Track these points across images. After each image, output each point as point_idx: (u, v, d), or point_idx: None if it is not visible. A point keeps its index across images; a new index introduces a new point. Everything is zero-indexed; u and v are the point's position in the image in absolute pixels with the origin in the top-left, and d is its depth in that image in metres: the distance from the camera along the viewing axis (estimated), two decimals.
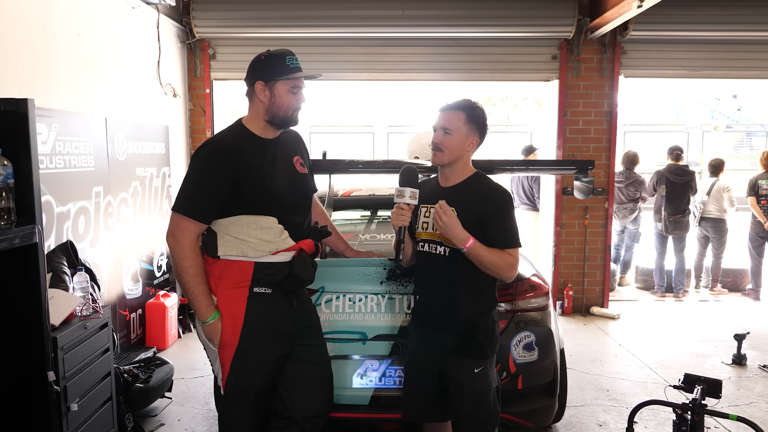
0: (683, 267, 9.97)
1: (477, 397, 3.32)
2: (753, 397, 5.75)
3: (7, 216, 3.13)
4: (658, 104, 29.27)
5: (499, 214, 3.27)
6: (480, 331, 3.32)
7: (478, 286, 3.32)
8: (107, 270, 6.05)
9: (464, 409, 3.35)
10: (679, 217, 9.76)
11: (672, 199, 9.81)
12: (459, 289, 3.31)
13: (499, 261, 3.22)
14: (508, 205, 3.31)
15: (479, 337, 3.31)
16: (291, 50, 3.28)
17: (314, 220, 3.60)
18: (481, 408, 3.34)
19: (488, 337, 3.34)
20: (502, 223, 3.27)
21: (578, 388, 5.88)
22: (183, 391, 5.79)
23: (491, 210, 3.26)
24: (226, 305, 3.25)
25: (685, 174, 9.86)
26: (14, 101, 3.27)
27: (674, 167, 9.93)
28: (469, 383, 3.30)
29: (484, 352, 3.33)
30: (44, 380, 3.47)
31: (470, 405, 3.33)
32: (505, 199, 3.31)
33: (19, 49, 4.93)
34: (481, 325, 3.33)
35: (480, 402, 3.33)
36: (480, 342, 3.31)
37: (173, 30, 8.09)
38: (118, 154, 6.24)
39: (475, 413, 3.35)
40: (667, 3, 7.05)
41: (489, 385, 3.35)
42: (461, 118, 3.31)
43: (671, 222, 9.86)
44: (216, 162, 3.17)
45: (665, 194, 9.86)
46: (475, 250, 3.17)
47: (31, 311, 3.42)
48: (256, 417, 3.39)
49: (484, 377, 3.33)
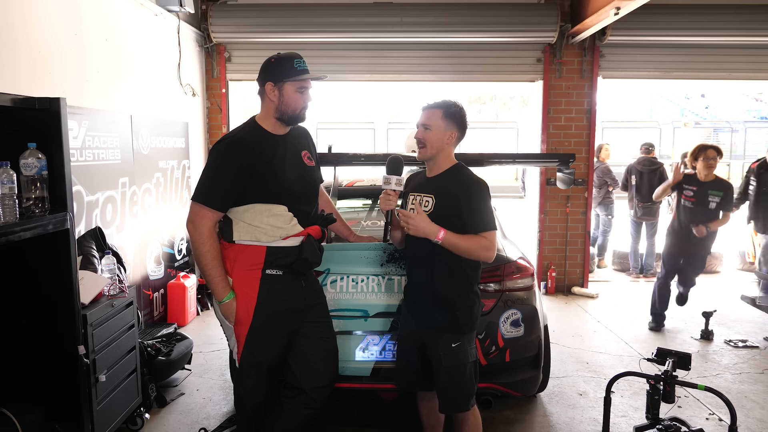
0: (653, 251, 9.97)
1: (453, 369, 3.32)
2: (719, 369, 5.76)
3: (41, 204, 3.13)
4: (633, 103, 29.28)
5: (473, 200, 3.25)
6: (458, 309, 3.31)
7: (458, 267, 3.30)
8: (132, 253, 6.04)
9: (441, 380, 3.36)
10: (649, 204, 9.76)
11: (640, 188, 9.82)
12: (438, 270, 3.31)
13: (473, 246, 3.22)
14: (481, 192, 3.28)
15: (457, 314, 3.31)
16: (299, 53, 3.27)
17: (321, 208, 3.60)
18: (457, 380, 3.34)
19: (466, 314, 3.34)
20: (475, 208, 3.25)
21: (560, 360, 5.88)
22: (201, 364, 5.80)
23: (465, 196, 3.26)
24: (241, 286, 3.25)
25: (653, 164, 9.86)
26: (48, 100, 3.27)
27: (643, 159, 9.94)
28: (446, 356, 3.31)
29: (461, 328, 3.33)
30: (75, 354, 3.48)
31: (446, 377, 3.34)
32: (478, 187, 3.29)
33: (52, 53, 4.91)
34: (459, 304, 3.32)
35: (456, 374, 3.33)
36: (458, 319, 3.31)
37: (192, 35, 8.06)
38: (142, 148, 6.21)
39: (451, 384, 3.35)
40: (641, 11, 7.06)
41: (466, 359, 3.34)
42: (438, 115, 3.33)
43: (641, 208, 9.88)
44: (232, 156, 3.16)
45: (635, 184, 9.87)
46: (448, 241, 3.18)
47: (63, 291, 3.43)
48: (268, 387, 3.40)
49: (461, 352, 3.33)
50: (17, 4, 4.49)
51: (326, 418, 4.49)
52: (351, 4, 8.15)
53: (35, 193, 3.09)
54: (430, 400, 3.64)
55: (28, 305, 3.51)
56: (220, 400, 5.03)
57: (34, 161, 3.04)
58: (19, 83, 4.45)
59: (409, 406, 4.03)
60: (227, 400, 4.99)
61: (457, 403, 3.39)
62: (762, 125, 29.85)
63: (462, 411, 3.43)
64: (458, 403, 3.39)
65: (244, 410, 3.42)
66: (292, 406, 3.42)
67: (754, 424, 4.65)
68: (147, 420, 4.56)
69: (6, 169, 2.89)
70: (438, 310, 3.34)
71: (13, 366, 3.58)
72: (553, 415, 4.78)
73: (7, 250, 3.23)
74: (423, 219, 3.21)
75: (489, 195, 3.33)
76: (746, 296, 6.81)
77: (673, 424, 3.81)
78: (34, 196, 3.09)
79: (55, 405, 3.55)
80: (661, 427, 3.81)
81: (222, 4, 8.17)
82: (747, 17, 8.13)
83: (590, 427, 4.58)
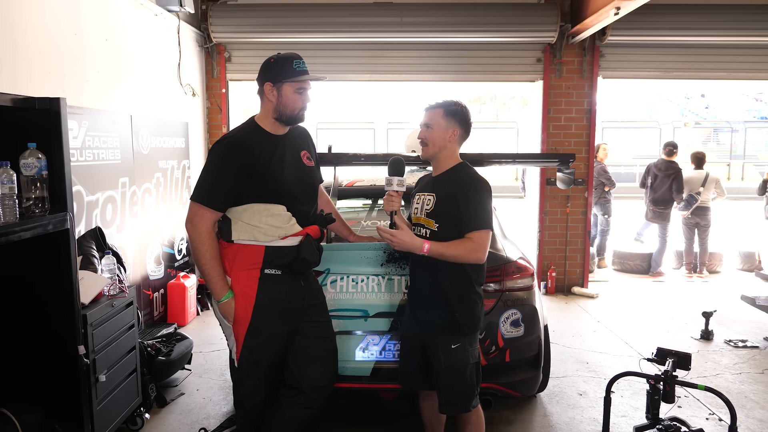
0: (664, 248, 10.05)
1: (453, 370, 3.32)
2: (719, 369, 5.75)
3: (41, 204, 3.13)
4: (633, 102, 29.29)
5: (467, 198, 3.25)
6: (458, 310, 3.31)
7: (460, 267, 3.30)
8: (132, 253, 6.04)
9: (441, 380, 3.36)
10: (660, 209, 9.80)
11: (655, 191, 9.88)
12: (440, 271, 3.30)
13: (460, 251, 3.21)
14: (479, 190, 3.28)
15: (457, 315, 3.31)
16: (298, 54, 3.27)
17: (320, 208, 3.60)
18: (456, 381, 3.34)
19: (466, 316, 3.33)
20: (471, 206, 3.24)
21: (560, 360, 5.88)
22: (201, 364, 5.80)
23: (460, 193, 3.26)
24: (240, 285, 3.25)
25: (668, 169, 9.79)
26: (48, 100, 3.27)
27: (660, 162, 9.94)
28: (445, 357, 3.31)
29: (462, 329, 3.33)
30: (75, 354, 3.48)
31: (446, 377, 3.34)
32: (477, 185, 3.29)
33: (52, 53, 4.91)
34: (460, 305, 3.32)
35: (456, 375, 3.33)
36: (458, 320, 3.31)
37: (192, 35, 8.06)
38: (142, 148, 6.21)
39: (450, 385, 3.35)
40: (641, 11, 7.05)
41: (466, 360, 3.34)
42: (440, 114, 3.35)
43: (651, 211, 9.94)
44: (231, 156, 3.16)
45: (650, 185, 9.91)
46: (434, 251, 3.19)
47: (63, 291, 3.43)
48: (268, 387, 3.40)
49: (461, 353, 3.32)
50: (17, 4, 4.49)
51: (326, 418, 4.49)
52: (351, 4, 8.15)
53: (35, 193, 3.09)
54: (432, 399, 3.64)
55: (29, 305, 3.51)
56: (220, 400, 5.03)
57: (34, 161, 3.04)
58: (19, 83, 4.44)
59: (409, 406, 4.03)
60: (227, 400, 4.99)
61: (456, 404, 3.39)
62: (762, 125, 29.91)
63: (461, 412, 3.43)
64: (458, 404, 3.39)
65: (244, 410, 3.42)
66: (291, 406, 3.42)
67: (754, 424, 4.65)
68: (147, 420, 4.56)
69: (6, 169, 2.89)
70: (438, 310, 3.34)
71: (13, 366, 3.58)
72: (553, 415, 4.77)
73: (7, 250, 3.22)
74: (406, 234, 3.23)
75: (489, 194, 3.32)
76: (746, 296, 6.81)
77: (673, 424, 3.81)
78: (34, 196, 3.09)
79: (55, 405, 3.55)
80: (661, 427, 3.81)
81: (222, 4, 8.17)
82: (747, 17, 8.13)
83: (590, 427, 4.57)
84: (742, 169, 25.49)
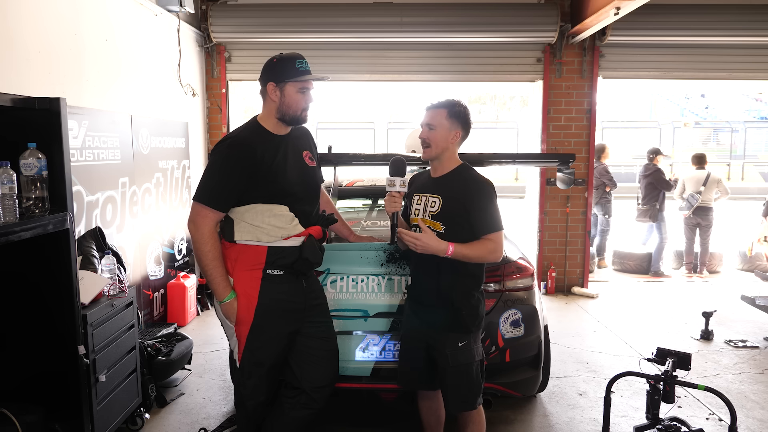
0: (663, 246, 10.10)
1: (460, 368, 3.34)
2: (719, 369, 5.76)
3: (41, 204, 3.13)
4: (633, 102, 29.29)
5: (480, 201, 3.26)
6: (464, 309, 3.33)
7: (463, 267, 3.31)
8: (132, 253, 6.04)
9: (448, 379, 3.37)
10: (646, 208, 9.94)
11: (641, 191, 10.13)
12: (444, 270, 3.31)
13: (482, 252, 3.25)
14: (488, 192, 3.29)
15: (463, 314, 3.33)
16: (301, 54, 3.26)
17: (321, 209, 3.60)
18: (464, 379, 3.36)
19: (471, 314, 3.35)
20: (483, 209, 3.26)
21: (560, 360, 5.88)
22: (201, 364, 5.80)
23: (471, 198, 3.26)
24: (242, 286, 3.25)
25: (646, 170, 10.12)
26: (47, 100, 3.27)
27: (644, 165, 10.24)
28: (452, 356, 3.32)
29: (468, 327, 3.35)
30: (75, 354, 3.48)
31: (453, 376, 3.35)
32: (484, 188, 3.30)
33: (52, 53, 4.91)
34: (466, 303, 3.34)
35: (463, 373, 3.35)
36: (464, 318, 3.33)
37: (192, 35, 8.05)
38: (142, 148, 6.21)
39: (458, 383, 3.37)
40: (641, 11, 7.05)
41: (472, 358, 3.36)
42: (443, 114, 3.34)
43: (637, 210, 10.16)
44: (233, 157, 3.16)
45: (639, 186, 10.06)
46: (458, 253, 3.20)
47: (63, 291, 3.43)
48: (269, 387, 3.40)
49: (467, 351, 3.34)
50: (17, 4, 4.49)
51: (326, 418, 4.49)
52: (351, 4, 8.15)
53: (35, 193, 3.09)
54: (431, 399, 3.65)
55: (29, 305, 3.51)
56: (220, 400, 5.03)
57: (34, 161, 3.04)
58: (19, 83, 4.44)
59: (409, 406, 4.03)
60: (227, 400, 4.99)
61: (465, 401, 3.40)
62: (762, 125, 29.91)
63: (469, 409, 3.44)
64: (466, 402, 3.41)
65: (245, 410, 3.42)
66: (292, 406, 3.42)
67: (754, 424, 4.65)
68: (147, 420, 4.56)
69: (6, 169, 2.89)
70: (444, 310, 3.35)
71: (13, 366, 3.58)
72: (553, 415, 4.78)
73: (7, 251, 3.22)
74: (431, 238, 3.22)
75: (495, 194, 3.33)
76: (746, 296, 6.82)
77: (673, 424, 3.81)
78: (34, 196, 3.09)
79: (55, 405, 3.55)
80: (661, 427, 3.82)
81: (222, 4, 8.17)
82: (747, 17, 8.13)
83: (590, 427, 4.58)
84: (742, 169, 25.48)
